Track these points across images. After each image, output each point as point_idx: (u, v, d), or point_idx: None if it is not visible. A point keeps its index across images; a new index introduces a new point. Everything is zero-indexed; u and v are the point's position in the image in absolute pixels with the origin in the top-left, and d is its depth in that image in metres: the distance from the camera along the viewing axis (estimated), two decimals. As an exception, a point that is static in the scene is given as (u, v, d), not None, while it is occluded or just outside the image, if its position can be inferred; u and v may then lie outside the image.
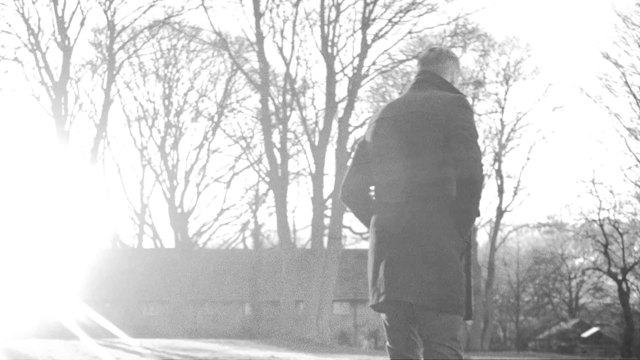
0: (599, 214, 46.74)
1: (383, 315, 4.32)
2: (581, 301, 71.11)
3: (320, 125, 38.50)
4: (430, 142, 4.09)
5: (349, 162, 5.03)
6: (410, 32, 37.98)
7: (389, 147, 4.23)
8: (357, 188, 4.57)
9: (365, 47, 36.99)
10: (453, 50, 5.00)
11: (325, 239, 38.00)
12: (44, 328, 28.77)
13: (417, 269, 4.01)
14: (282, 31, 38.12)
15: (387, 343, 4.36)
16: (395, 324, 4.26)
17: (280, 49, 38.19)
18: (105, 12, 36.11)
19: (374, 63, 38.11)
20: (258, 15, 36.77)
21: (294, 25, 38.12)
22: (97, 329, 24.93)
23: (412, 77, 4.53)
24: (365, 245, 54.49)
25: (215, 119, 46.74)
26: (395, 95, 41.43)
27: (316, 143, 38.13)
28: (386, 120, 4.29)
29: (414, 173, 4.11)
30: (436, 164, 4.08)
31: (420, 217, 4.05)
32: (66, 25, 34.66)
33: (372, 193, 4.46)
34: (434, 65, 4.42)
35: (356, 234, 40.73)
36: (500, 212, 52.56)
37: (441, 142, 4.08)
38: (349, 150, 38.53)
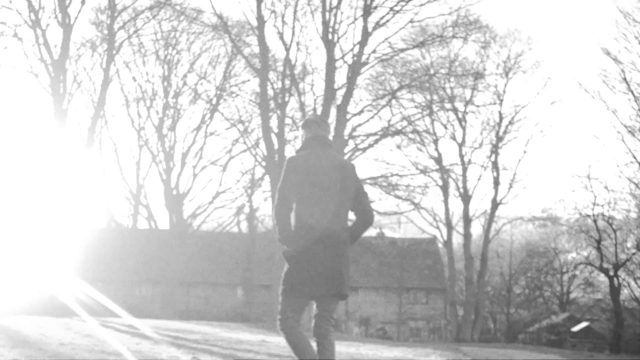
0: (593, 209, 46.91)
1: (292, 297, 6.23)
2: (572, 295, 71.45)
3: (319, 111, 38.50)
4: (348, 190, 6.36)
5: (280, 188, 6.30)
6: (411, 21, 38.03)
7: (321, 187, 6.22)
8: (288, 209, 6.28)
9: (366, 34, 36.99)
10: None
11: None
12: (39, 305, 28.85)
13: (338, 272, 6.20)
14: (283, 16, 38.15)
15: (287, 313, 6.22)
16: (303, 303, 6.30)
17: (281, 34, 38.21)
18: (107, -10, 36.07)
19: (374, 51, 38.13)
20: (259, -2, 36.74)
21: (295, 11, 38.14)
22: (94, 306, 25.01)
23: (306, 138, 6.50)
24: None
25: (214, 102, 46.73)
26: (395, 84, 41.41)
27: (314, 129, 38.11)
28: (319, 167, 6.26)
29: (338, 208, 6.26)
30: (347, 205, 6.38)
31: (338, 237, 6.23)
32: (67, 3, 34.58)
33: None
34: (326, 130, 6.59)
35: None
36: (495, 204, 52.64)
37: (351, 190, 6.39)
38: (346, 138, 38.60)
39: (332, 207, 6.18)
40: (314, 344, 6.17)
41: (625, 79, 42.40)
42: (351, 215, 6.54)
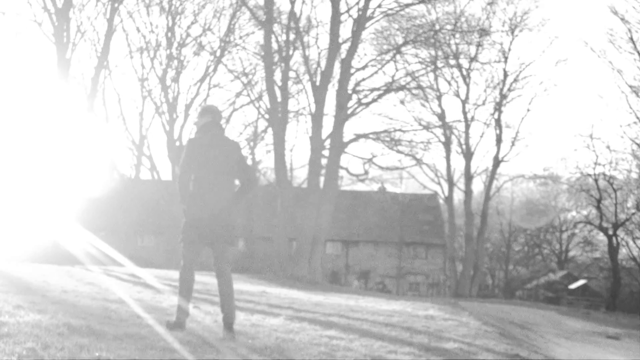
0: (594, 168, 47.13)
1: (188, 244, 8.24)
2: (571, 254, 71.99)
3: (323, 65, 38.47)
4: (234, 164, 8.26)
5: (182, 163, 8.26)
6: (417, -24, 37.74)
7: (213, 162, 8.14)
8: (188, 179, 8.22)
9: (371, -12, 36.74)
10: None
11: (322, 179, 38.25)
12: (42, 253, 29.19)
13: (225, 222, 8.15)
14: (288, -33, 37.83)
15: (187, 257, 8.27)
16: (198, 249, 8.30)
17: (286, -14, 37.95)
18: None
19: (379, 5, 37.88)
20: (265, -51, 36.49)
21: (301, -38, 37.83)
22: (97, 255, 25.26)
23: (202, 123, 8.39)
24: (361, 187, 54.87)
25: (218, 54, 46.55)
26: (399, 39, 41.16)
27: (317, 83, 38.13)
28: (211, 147, 8.21)
29: (225, 177, 8.20)
30: (233, 175, 8.29)
31: (224, 198, 8.14)
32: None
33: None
34: (218, 117, 8.51)
35: (353, 175, 40.96)
36: (496, 162, 52.79)
37: (236, 163, 8.29)
38: (349, 92, 38.57)
39: (220, 176, 8.16)
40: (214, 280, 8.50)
41: (631, 38, 42.30)
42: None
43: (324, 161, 38.21)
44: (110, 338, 7.38)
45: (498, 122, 52.34)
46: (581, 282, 62.59)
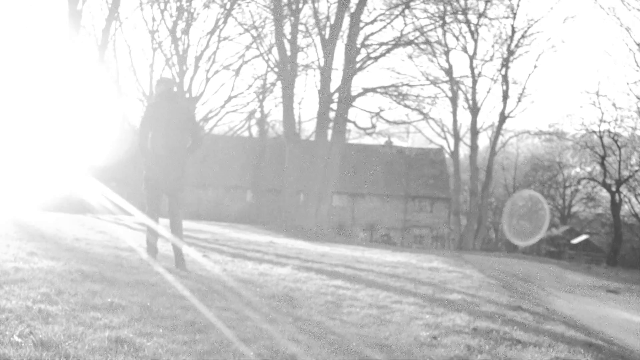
0: (599, 125, 47.44)
1: (148, 191, 9.93)
2: (573, 209, 72.45)
3: (332, 19, 38.64)
4: (185, 126, 9.89)
5: (141, 125, 9.91)
6: None
7: (166, 124, 9.74)
8: (147, 138, 9.83)
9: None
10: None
11: (330, 132, 38.65)
12: (55, 202, 29.76)
13: (176, 174, 9.80)
14: None
15: (149, 203, 9.95)
16: (158, 195, 9.99)
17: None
18: None
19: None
20: None
21: None
22: (108, 205, 25.89)
23: (158, 91, 10.12)
24: (368, 140, 55.35)
25: (228, 7, 46.52)
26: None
27: (327, 37, 38.33)
28: (165, 111, 9.84)
29: (177, 137, 9.79)
30: (185, 135, 9.89)
31: (175, 153, 9.78)
32: None
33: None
34: (173, 86, 10.26)
35: (360, 128, 41.34)
36: (502, 118, 53.08)
37: (186, 124, 9.91)
38: (358, 46, 38.82)
39: (172, 136, 9.77)
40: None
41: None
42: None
43: (332, 114, 38.57)
44: (122, 285, 7.66)
45: (505, 78, 52.50)
46: (583, 237, 63.23)
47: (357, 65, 38.93)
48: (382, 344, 6.40)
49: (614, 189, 47.39)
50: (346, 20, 38.27)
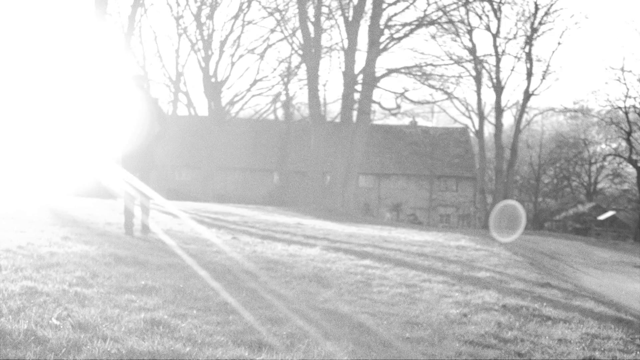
0: (625, 101, 47.12)
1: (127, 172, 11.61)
2: (599, 186, 71.99)
3: (355, 0, 38.56)
4: (155, 115, 11.71)
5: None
6: None
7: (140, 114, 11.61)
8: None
9: None
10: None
11: (355, 113, 38.65)
12: (85, 189, 30.09)
13: (146, 159, 11.81)
14: None
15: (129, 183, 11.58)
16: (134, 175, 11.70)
17: None
18: None
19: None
20: None
21: None
22: (134, 193, 26.05)
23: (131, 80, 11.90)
24: (393, 121, 55.26)
25: (251, -10, 46.56)
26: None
27: (350, 18, 38.28)
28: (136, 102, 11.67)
29: (150, 123, 11.61)
30: (154, 122, 11.70)
31: (147, 137, 11.68)
32: None
33: None
34: (141, 82, 11.92)
35: (385, 109, 41.30)
36: (527, 95, 52.64)
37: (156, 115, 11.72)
38: (381, 27, 38.73)
39: (146, 122, 11.47)
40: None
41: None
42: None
43: (356, 96, 38.56)
44: (154, 268, 7.81)
45: (529, 55, 52.02)
46: (609, 213, 62.85)
47: (381, 46, 38.84)
48: (412, 322, 6.48)
49: (640, 164, 47.10)
50: (369, 1, 38.19)
